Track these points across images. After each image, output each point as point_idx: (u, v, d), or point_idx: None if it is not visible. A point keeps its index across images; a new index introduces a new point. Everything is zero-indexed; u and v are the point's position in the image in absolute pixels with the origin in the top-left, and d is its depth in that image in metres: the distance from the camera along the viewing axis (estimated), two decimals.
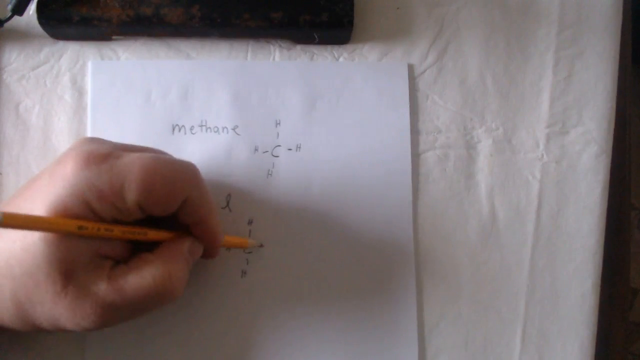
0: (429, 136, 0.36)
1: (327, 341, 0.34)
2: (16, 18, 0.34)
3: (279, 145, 0.35)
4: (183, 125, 0.35)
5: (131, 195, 0.25)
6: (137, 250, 0.28)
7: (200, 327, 0.34)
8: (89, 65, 0.35)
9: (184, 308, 0.34)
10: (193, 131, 0.35)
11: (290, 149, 0.35)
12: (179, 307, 0.34)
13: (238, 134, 0.35)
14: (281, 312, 0.34)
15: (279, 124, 0.35)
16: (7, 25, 0.34)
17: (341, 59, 0.36)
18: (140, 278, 0.26)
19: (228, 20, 0.34)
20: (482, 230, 0.35)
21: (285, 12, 0.34)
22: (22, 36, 0.35)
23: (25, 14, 0.34)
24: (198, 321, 0.34)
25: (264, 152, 0.35)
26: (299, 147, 0.35)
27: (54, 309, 0.25)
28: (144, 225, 0.28)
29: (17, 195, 0.27)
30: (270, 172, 0.35)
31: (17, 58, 0.35)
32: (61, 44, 0.36)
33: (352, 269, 0.35)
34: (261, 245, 0.34)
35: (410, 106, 0.36)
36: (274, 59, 0.36)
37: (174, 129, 0.35)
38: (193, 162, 0.30)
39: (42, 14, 0.34)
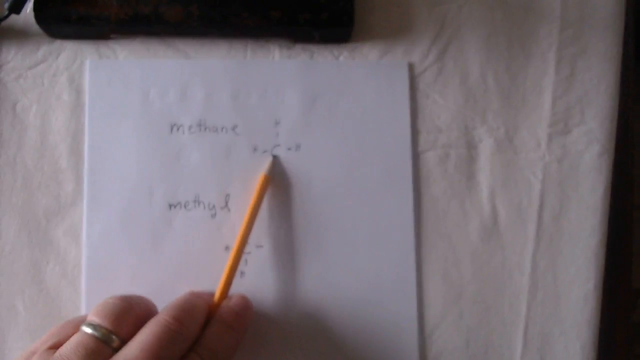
0: (430, 136, 0.36)
1: (327, 342, 0.34)
2: (13, 16, 0.33)
3: (279, 145, 0.35)
4: (181, 125, 0.35)
5: None
6: None
7: None
8: (87, 64, 0.35)
9: None
10: (191, 131, 0.35)
11: (289, 149, 0.35)
12: None
13: (237, 134, 0.35)
14: (280, 313, 0.34)
15: (279, 123, 0.35)
16: (4, 23, 0.34)
17: (341, 58, 0.36)
18: None
19: (227, 19, 0.34)
20: (483, 231, 0.35)
21: (285, 10, 0.34)
22: (19, 35, 0.35)
23: (23, 12, 0.33)
24: None
25: (263, 152, 0.35)
26: (299, 147, 0.35)
27: None
28: None
29: None
30: (270, 172, 0.35)
31: (14, 57, 0.35)
32: (59, 42, 0.35)
33: (352, 269, 0.34)
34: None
35: (410, 105, 0.35)
36: (273, 58, 0.36)
37: (172, 129, 0.35)
38: (191, 162, 0.30)
39: (40, 12, 0.33)
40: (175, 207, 0.34)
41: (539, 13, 0.37)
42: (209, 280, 0.33)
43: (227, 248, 0.34)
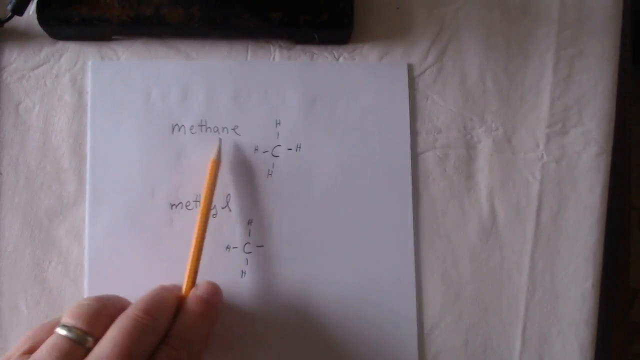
0: (429, 136, 0.36)
1: (327, 340, 0.34)
2: (16, 18, 0.34)
3: (279, 145, 0.35)
4: (183, 125, 0.35)
5: None
6: None
7: None
8: (89, 65, 0.35)
9: None
10: (193, 131, 0.35)
11: (290, 149, 0.35)
12: None
13: (238, 134, 0.35)
14: (280, 312, 0.34)
15: (279, 124, 0.35)
16: (7, 25, 0.34)
17: (341, 59, 0.36)
18: None
19: (228, 20, 0.34)
20: (482, 230, 0.35)
21: (285, 12, 0.34)
22: (22, 36, 0.35)
23: (25, 14, 0.34)
24: None
25: (264, 152, 0.35)
26: (299, 147, 0.35)
27: None
28: None
29: None
30: (270, 172, 0.35)
31: (17, 58, 0.35)
32: (61, 44, 0.36)
33: (352, 269, 0.35)
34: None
35: (410, 106, 0.36)
36: (273, 59, 0.36)
37: (173, 129, 0.35)
38: (193, 162, 0.30)
39: (42, 14, 0.34)
40: (176, 206, 0.34)
41: (537, 15, 0.37)
42: (210, 279, 0.34)
43: (228, 248, 0.34)
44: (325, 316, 0.34)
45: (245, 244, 0.34)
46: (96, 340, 0.27)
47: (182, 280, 0.32)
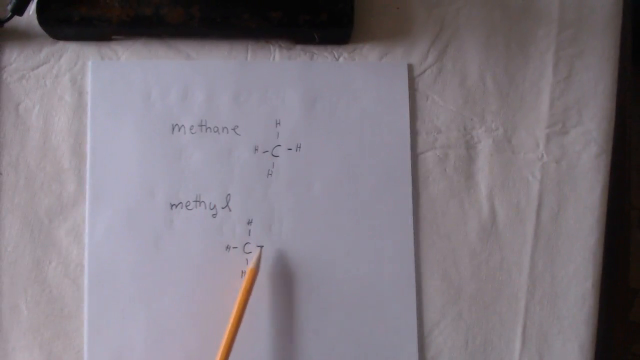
0: (429, 136, 0.36)
1: (327, 341, 0.34)
2: (16, 18, 0.34)
3: (279, 145, 0.35)
4: (183, 125, 0.35)
5: None
6: None
7: (200, 327, 0.34)
8: (89, 65, 0.35)
9: (183, 308, 0.34)
10: (193, 131, 0.35)
11: (290, 149, 0.35)
12: (179, 307, 0.34)
13: (238, 134, 0.35)
14: (281, 312, 0.34)
15: (279, 124, 0.35)
16: (7, 25, 0.34)
17: (341, 59, 0.36)
18: None
19: (228, 20, 0.34)
20: (482, 230, 0.35)
21: (285, 12, 0.34)
22: (22, 36, 0.35)
23: (26, 14, 0.34)
24: (198, 321, 0.34)
25: (264, 152, 0.35)
26: (299, 147, 0.35)
27: None
28: None
29: None
30: (270, 172, 0.35)
31: (17, 58, 0.35)
32: (61, 44, 0.36)
33: (352, 269, 0.35)
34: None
35: (410, 106, 0.36)
36: (273, 59, 0.36)
37: (173, 129, 0.35)
38: (193, 162, 0.30)
39: (42, 14, 0.34)
40: (176, 206, 0.34)
41: (537, 15, 0.37)
42: (209, 280, 0.34)
43: (227, 248, 0.34)
44: (325, 316, 0.34)
45: (245, 244, 0.34)
46: None
47: (182, 281, 0.31)
